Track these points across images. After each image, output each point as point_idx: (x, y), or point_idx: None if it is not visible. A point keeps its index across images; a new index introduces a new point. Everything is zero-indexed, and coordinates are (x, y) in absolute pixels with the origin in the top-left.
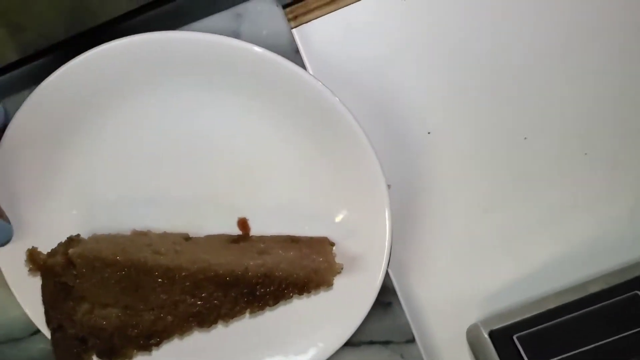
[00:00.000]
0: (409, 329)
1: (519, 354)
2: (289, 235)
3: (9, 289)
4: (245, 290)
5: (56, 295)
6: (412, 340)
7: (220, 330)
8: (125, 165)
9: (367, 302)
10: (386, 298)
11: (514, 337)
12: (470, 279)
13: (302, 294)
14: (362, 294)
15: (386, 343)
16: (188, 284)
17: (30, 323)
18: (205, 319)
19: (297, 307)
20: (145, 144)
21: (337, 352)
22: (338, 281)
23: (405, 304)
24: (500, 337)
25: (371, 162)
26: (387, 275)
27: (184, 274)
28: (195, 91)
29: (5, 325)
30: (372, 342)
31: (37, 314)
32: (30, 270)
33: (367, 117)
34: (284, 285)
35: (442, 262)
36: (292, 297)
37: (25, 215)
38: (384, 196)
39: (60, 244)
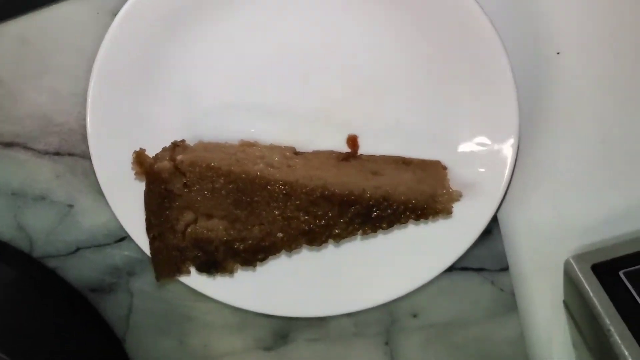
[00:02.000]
0: (504, 256)
1: (626, 291)
2: (399, 157)
3: (95, 195)
4: (361, 212)
5: (160, 202)
6: (505, 268)
7: (328, 248)
8: (235, 72)
9: (475, 231)
10: (487, 226)
11: (621, 273)
12: (572, 210)
13: (419, 220)
14: (472, 222)
15: (479, 270)
16: (304, 201)
17: (115, 230)
18: (317, 237)
19: (405, 230)
20: (259, 51)
21: None
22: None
23: (503, 230)
24: (605, 271)
25: (507, 85)
26: None
27: (301, 190)
28: None
29: (89, 231)
30: (464, 269)
31: (128, 221)
32: (136, 174)
33: None
34: (401, 211)
35: (547, 188)
36: (407, 222)
37: (124, 117)
38: (514, 123)
39: (164, 149)
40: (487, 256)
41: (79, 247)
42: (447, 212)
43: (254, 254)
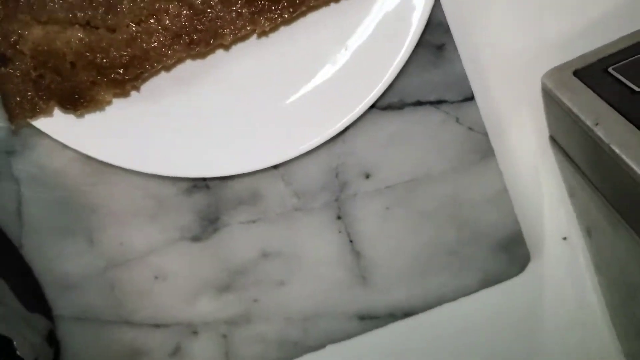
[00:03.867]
0: (466, 82)
1: (620, 84)
2: None
3: None
4: None
5: None
6: (470, 97)
7: (218, 60)
8: None
9: (415, 27)
10: (437, 39)
11: (610, 69)
12: (544, 22)
13: None
14: (409, 13)
15: (437, 103)
16: None
17: None
18: (198, 37)
19: (319, 31)
20: None
21: (373, 118)
22: None
23: (461, 48)
24: (590, 74)
25: None
26: (437, 5)
27: None
28: None
29: None
30: (419, 103)
31: None
32: None
33: None
34: None
35: None
36: (314, 3)
37: None
38: None
39: None
40: (445, 83)
41: None
42: None
43: (123, 70)
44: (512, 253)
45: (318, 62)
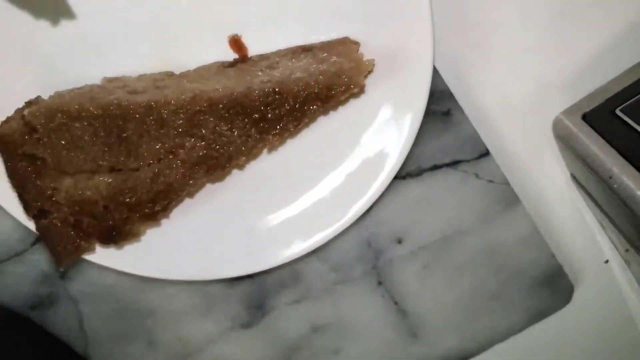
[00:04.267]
0: (479, 139)
1: (628, 128)
2: (298, 46)
3: None
4: (254, 116)
5: (25, 173)
6: (485, 153)
7: (238, 180)
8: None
9: (417, 109)
10: (442, 105)
11: (617, 112)
12: (542, 67)
13: (327, 106)
14: (408, 99)
15: (454, 164)
16: (181, 121)
17: (25, 232)
18: (215, 163)
19: (326, 133)
20: None
21: (394, 188)
22: (373, 87)
23: (467, 110)
24: (598, 116)
25: None
26: (437, 75)
27: (172, 108)
28: None
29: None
30: (435, 167)
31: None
32: None
33: None
34: (301, 99)
35: (503, 50)
36: (315, 114)
37: None
38: None
39: (17, 111)
40: (457, 144)
41: None
42: (357, 85)
43: (151, 205)
44: (554, 286)
45: (331, 163)
